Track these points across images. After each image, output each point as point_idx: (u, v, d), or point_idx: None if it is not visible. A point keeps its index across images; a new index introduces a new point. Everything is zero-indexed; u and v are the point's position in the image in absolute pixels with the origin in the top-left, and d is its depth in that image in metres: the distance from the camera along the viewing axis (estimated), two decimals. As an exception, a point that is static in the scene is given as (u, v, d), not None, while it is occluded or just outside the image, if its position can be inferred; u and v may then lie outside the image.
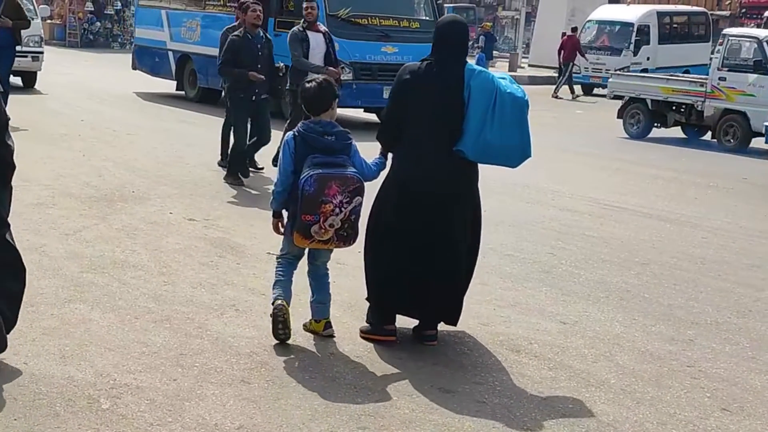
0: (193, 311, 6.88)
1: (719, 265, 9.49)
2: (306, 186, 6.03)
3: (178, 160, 13.63)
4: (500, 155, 6.49)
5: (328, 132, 6.26)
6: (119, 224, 9.37)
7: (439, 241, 6.42)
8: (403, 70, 6.59)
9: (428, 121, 6.37)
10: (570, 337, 6.93)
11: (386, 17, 19.36)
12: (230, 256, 8.47)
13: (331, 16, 18.21)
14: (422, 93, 6.40)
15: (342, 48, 16.64)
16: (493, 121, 6.30)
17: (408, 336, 6.65)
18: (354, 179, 6.13)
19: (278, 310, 6.24)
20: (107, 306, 6.86)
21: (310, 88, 6.37)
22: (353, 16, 18.77)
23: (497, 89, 6.33)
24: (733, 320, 7.64)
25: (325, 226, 6.09)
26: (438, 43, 6.58)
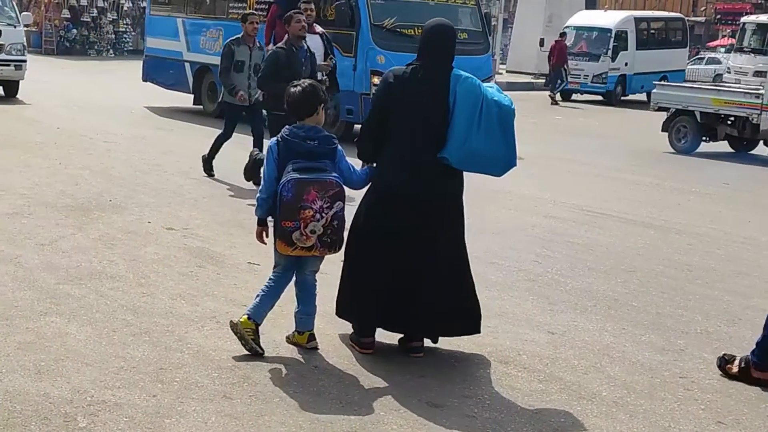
0: (172, 323, 6.70)
1: (706, 273, 9.38)
2: (284, 192, 5.90)
3: (155, 168, 13.42)
4: (485, 163, 6.34)
5: (311, 137, 6.10)
6: (96, 234, 9.17)
7: (421, 251, 6.26)
8: (388, 74, 6.45)
9: (413, 126, 6.23)
10: (559, 347, 6.79)
11: None
12: (210, 267, 8.29)
13: (375, 26, 17.20)
14: (407, 98, 6.25)
15: (387, 61, 16.11)
16: (479, 128, 6.15)
17: (394, 347, 6.48)
18: (333, 183, 5.97)
19: (232, 328, 6.18)
20: (84, 319, 6.67)
21: (295, 92, 6.22)
22: (398, 27, 17.48)
23: (484, 96, 6.19)
24: (724, 329, 7.52)
25: (306, 232, 5.94)
26: (424, 47, 6.43)
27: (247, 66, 12.75)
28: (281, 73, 10.66)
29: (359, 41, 17.18)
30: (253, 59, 12.76)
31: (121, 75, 35.06)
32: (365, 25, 17.16)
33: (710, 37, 69.35)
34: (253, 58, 12.79)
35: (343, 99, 16.82)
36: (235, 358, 6.10)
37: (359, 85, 17.10)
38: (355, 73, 17.15)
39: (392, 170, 6.28)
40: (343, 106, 17.33)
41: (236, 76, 12.72)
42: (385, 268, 6.28)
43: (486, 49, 19.06)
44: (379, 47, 17.08)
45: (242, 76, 12.72)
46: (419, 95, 6.25)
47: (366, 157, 6.43)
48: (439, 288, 6.32)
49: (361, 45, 17.11)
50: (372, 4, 17.34)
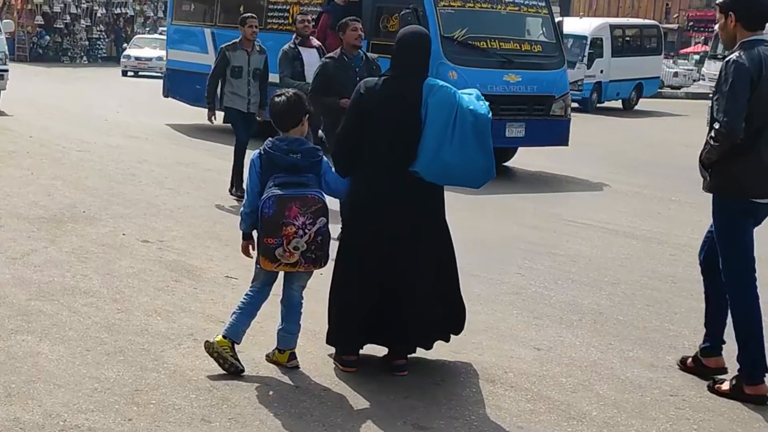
0: (148, 341, 6.49)
1: (691, 284, 9.21)
2: (265, 208, 5.73)
3: (130, 178, 13.20)
4: (460, 176, 6.18)
5: (294, 150, 5.91)
6: (69, 247, 8.95)
7: (401, 267, 6.10)
8: (360, 86, 6.26)
9: (386, 141, 6.06)
10: (546, 364, 6.62)
11: (506, 39, 16.21)
12: (187, 281, 8.09)
13: (446, 38, 15.41)
14: (379, 111, 6.07)
15: (460, 77, 14.70)
16: (452, 139, 5.96)
17: (377, 365, 6.30)
18: (315, 199, 5.79)
19: (206, 349, 6.01)
20: (57, 337, 6.46)
21: (279, 103, 6.03)
22: (470, 39, 15.74)
23: (458, 105, 6.00)
24: (712, 344, 7.36)
25: (289, 248, 5.76)
26: (397, 56, 6.24)
27: (246, 71, 12.26)
28: (331, 86, 10.11)
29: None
30: (252, 64, 12.30)
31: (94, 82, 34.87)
32: (435, 36, 14.91)
33: (683, 44, 69.69)
34: (252, 62, 12.32)
35: None
36: (213, 378, 5.90)
37: None
38: None
39: (367, 186, 6.11)
40: None
41: (235, 82, 12.26)
42: (365, 285, 6.11)
43: (560, 63, 17.05)
44: (451, 62, 15.33)
45: (241, 82, 12.26)
46: (391, 107, 6.07)
47: (342, 171, 6.22)
48: (422, 303, 6.15)
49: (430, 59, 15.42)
50: (442, 14, 15.67)
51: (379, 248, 6.08)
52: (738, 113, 5.77)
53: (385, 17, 16.19)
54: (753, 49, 5.84)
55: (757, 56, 5.81)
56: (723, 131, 5.81)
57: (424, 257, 6.18)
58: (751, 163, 5.92)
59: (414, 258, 6.12)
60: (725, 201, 6.09)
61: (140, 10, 59.17)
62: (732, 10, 5.96)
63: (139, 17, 59.16)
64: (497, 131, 13.95)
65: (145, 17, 60.01)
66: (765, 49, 5.88)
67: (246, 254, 6.22)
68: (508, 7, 16.49)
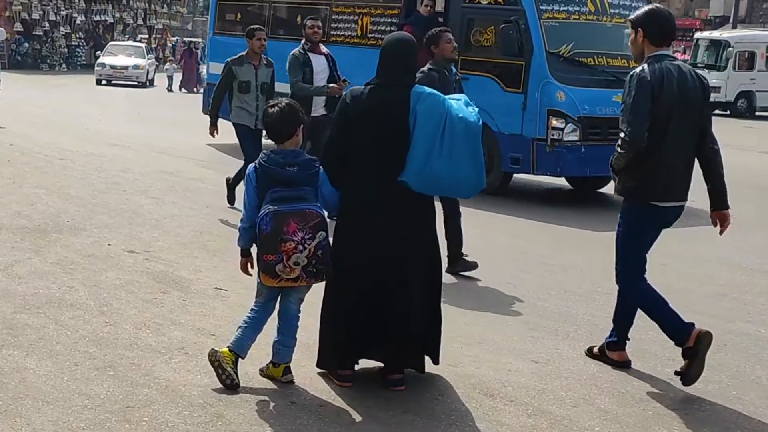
0: (138, 356, 6.33)
1: (685, 295, 9.12)
2: (262, 225, 5.59)
3: (113, 187, 13.03)
4: (449, 186, 6.07)
5: (290, 162, 5.77)
6: (54, 258, 8.77)
7: (391, 279, 5.96)
8: (346, 94, 6.13)
9: (373, 150, 5.91)
10: (545, 378, 6.49)
11: (613, 55, 14.65)
12: (175, 292, 7.92)
13: (551, 54, 13.99)
14: (366, 120, 5.92)
15: (568, 98, 13.66)
16: (441, 149, 5.81)
17: (373, 379, 6.15)
18: (313, 214, 5.65)
19: (209, 357, 5.85)
20: (44, 352, 6.28)
21: (273, 114, 5.89)
22: (577, 55, 14.29)
23: (447, 114, 5.85)
24: (710, 355, 7.18)
25: (290, 264, 5.62)
26: (383, 64, 6.09)
27: (254, 86, 11.80)
28: None
29: (531, 73, 13.92)
30: (260, 78, 11.86)
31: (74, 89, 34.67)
32: (539, 52, 13.93)
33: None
34: (259, 77, 11.86)
35: (506, 145, 14.15)
36: (207, 394, 5.74)
37: (530, 127, 13.87)
38: (525, 113, 13.86)
39: (353, 199, 5.95)
40: (506, 154, 14.22)
41: (243, 97, 11.80)
42: (357, 299, 5.97)
43: None
44: (558, 81, 13.89)
45: (249, 98, 11.78)
46: (377, 116, 5.92)
47: (331, 180, 6.05)
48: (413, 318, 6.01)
49: (533, 78, 13.91)
50: (546, 27, 14.14)
51: (370, 259, 5.93)
52: (640, 123, 6.20)
53: (477, 30, 14.75)
54: (657, 63, 6.27)
55: (660, 70, 6.23)
56: (627, 140, 6.26)
57: (415, 269, 6.04)
58: (653, 169, 6.33)
59: (405, 271, 5.99)
60: (632, 203, 6.50)
61: (119, 17, 58.98)
62: (641, 26, 6.42)
63: (119, 25, 58.96)
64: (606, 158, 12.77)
65: (125, 24, 59.84)
66: (668, 63, 6.31)
67: (245, 272, 6.07)
68: (613, 19, 14.96)
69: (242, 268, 6.07)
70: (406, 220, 5.99)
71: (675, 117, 6.28)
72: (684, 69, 6.39)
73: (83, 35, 54.35)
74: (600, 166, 12.74)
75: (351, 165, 5.95)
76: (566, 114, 13.57)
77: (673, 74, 6.26)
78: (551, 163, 13.92)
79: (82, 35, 53.91)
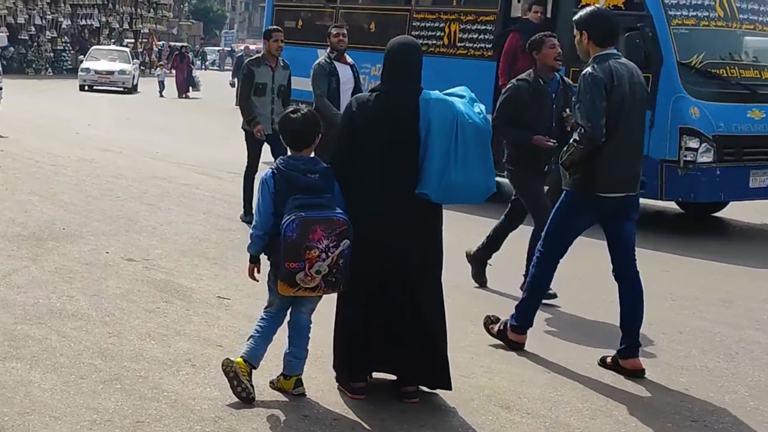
0: (144, 368, 6.17)
1: (690, 302, 9.05)
2: (288, 231, 5.37)
3: (107, 193, 12.85)
4: (464, 194, 5.92)
5: (312, 170, 5.62)
6: (52, 266, 8.60)
7: (400, 289, 5.83)
8: (351, 102, 5.96)
9: (381, 158, 5.77)
10: (559, 388, 6.37)
11: (745, 66, 13.23)
12: (177, 302, 7.77)
13: (683, 65, 12.52)
14: (373, 128, 5.77)
15: (703, 114, 12.29)
16: (456, 158, 5.69)
17: (387, 391, 6.01)
18: (340, 221, 5.49)
19: (224, 367, 5.67)
20: (48, 364, 6.12)
21: (297, 120, 5.73)
22: (709, 66, 12.82)
23: (457, 120, 5.72)
24: (723, 365, 7.15)
25: (311, 273, 5.45)
26: (387, 70, 5.95)
27: (270, 89, 11.44)
28: (522, 116, 8.41)
29: (660, 86, 12.39)
30: (277, 80, 11.51)
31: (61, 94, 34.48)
32: (670, 63, 12.47)
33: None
34: (276, 79, 11.51)
35: None
36: (217, 407, 5.59)
37: (659, 148, 12.27)
38: (652, 131, 12.02)
39: (363, 206, 5.76)
40: None
41: (257, 100, 11.41)
42: (370, 310, 5.83)
43: None
44: (691, 95, 12.44)
45: (264, 101, 11.42)
46: (385, 124, 5.77)
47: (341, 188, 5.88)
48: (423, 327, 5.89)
49: (663, 92, 12.39)
50: (676, 34, 12.69)
51: (379, 268, 5.79)
52: (599, 119, 6.48)
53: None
54: (605, 62, 6.57)
55: (608, 68, 6.53)
56: (587, 135, 6.50)
57: (424, 280, 5.91)
58: (601, 162, 6.60)
59: (414, 280, 5.86)
60: (577, 194, 6.76)
61: (106, 21, 58.76)
62: (585, 29, 6.73)
63: (105, 29, 58.74)
64: (741, 180, 12.52)
65: (111, 29, 59.62)
66: (614, 62, 6.60)
67: (252, 278, 5.91)
68: (743, 25, 13.53)
69: (249, 274, 5.90)
70: (415, 229, 5.86)
71: (626, 112, 6.60)
72: (629, 66, 6.70)
73: (69, 39, 54.11)
74: (735, 190, 12.70)
75: (358, 172, 5.81)
76: (701, 132, 12.18)
77: (621, 72, 6.57)
78: (684, 188, 12.47)
79: (68, 39, 53.68)
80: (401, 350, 5.87)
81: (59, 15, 52.90)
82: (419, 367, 5.93)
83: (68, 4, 54.51)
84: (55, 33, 51.61)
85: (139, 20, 63.43)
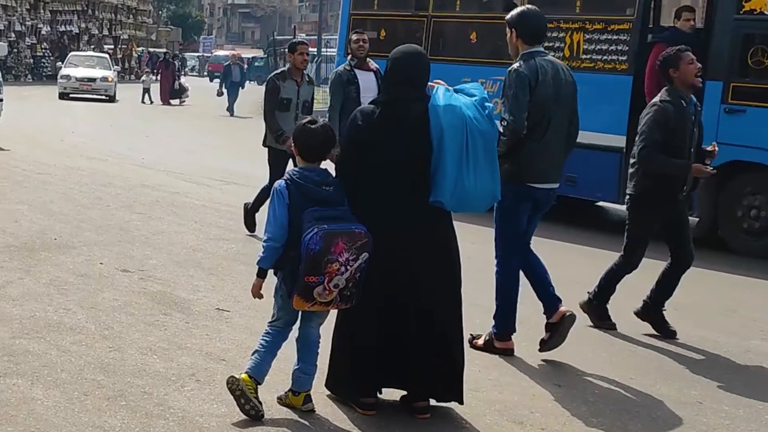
0: (148, 384, 6.02)
1: (693, 311, 8.95)
2: (311, 244, 5.20)
3: (97, 202, 12.67)
4: (474, 202, 5.79)
5: (326, 182, 5.49)
6: (47, 278, 8.42)
7: (412, 303, 5.69)
8: (356, 116, 5.79)
9: (391, 171, 5.64)
10: (571, 402, 6.25)
11: None
12: (177, 314, 7.62)
13: None
14: (382, 140, 5.63)
15: None
16: (468, 165, 5.59)
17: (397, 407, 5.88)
18: (362, 234, 5.35)
19: (229, 384, 5.52)
20: (49, 380, 5.96)
21: (316, 133, 5.58)
22: None
23: (467, 126, 5.59)
24: (733, 377, 7.07)
25: (330, 287, 5.31)
26: (393, 78, 5.81)
27: (294, 104, 10.97)
28: (668, 141, 7.65)
29: None
30: (302, 96, 11.05)
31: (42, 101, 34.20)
32: None
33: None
34: (301, 94, 11.06)
35: None
36: (226, 425, 5.44)
37: None
38: None
39: (375, 222, 5.55)
40: None
41: (281, 116, 10.89)
42: (377, 323, 5.69)
43: None
44: None
45: (288, 117, 10.84)
46: (396, 135, 5.63)
47: None
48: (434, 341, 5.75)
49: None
50: None
51: (390, 281, 5.66)
52: (521, 113, 6.79)
53: (759, 49, 11.72)
54: (531, 60, 6.88)
55: (534, 66, 6.85)
56: (510, 127, 6.81)
57: (436, 293, 5.78)
58: (527, 154, 6.89)
59: (425, 293, 5.72)
60: (510, 185, 6.76)
61: (85, 28, 58.47)
62: (514, 27, 7.02)
63: (84, 35, 58.44)
64: None
65: (90, 35, 59.33)
66: (541, 60, 6.91)
67: (257, 295, 5.68)
68: None
69: (255, 291, 5.66)
70: (426, 240, 5.74)
71: (551, 107, 6.91)
72: (556, 64, 7.01)
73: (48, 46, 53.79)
74: None
75: (367, 184, 5.67)
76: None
77: (546, 69, 6.86)
78: None
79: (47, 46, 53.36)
80: (413, 364, 5.73)
81: (39, 21, 52.59)
82: (432, 381, 5.80)
83: (48, 10, 54.21)
84: (34, 39, 51.30)
85: (119, 26, 63.14)
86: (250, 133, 25.54)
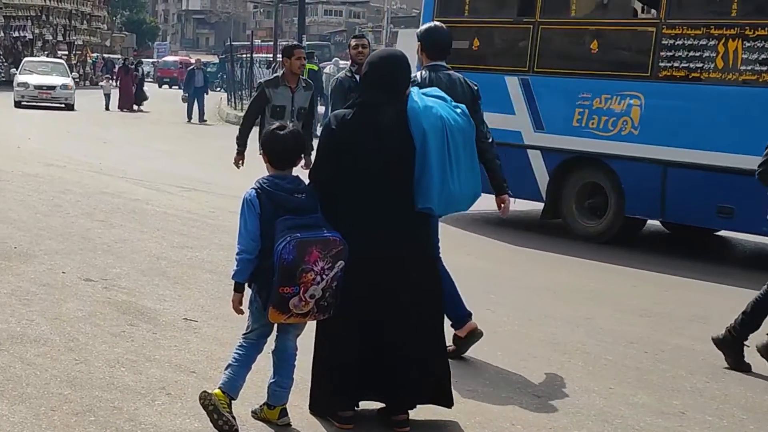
0: (118, 398, 5.80)
1: (665, 319, 8.87)
2: (284, 254, 5.02)
3: (56, 209, 12.40)
4: (458, 203, 5.73)
5: (297, 189, 5.31)
6: (8, 288, 8.17)
7: (389, 314, 5.52)
8: (330, 120, 5.60)
9: (371, 177, 5.47)
10: (552, 413, 6.12)
11: None
12: (143, 324, 7.40)
13: None
14: (360, 145, 5.45)
15: None
16: (451, 168, 5.48)
17: (375, 420, 5.72)
18: (336, 242, 5.17)
19: (201, 400, 5.33)
20: (15, 395, 5.73)
21: (286, 138, 5.39)
22: None
23: (445, 126, 5.49)
24: (713, 385, 6.96)
25: (306, 297, 5.12)
26: (369, 81, 5.65)
27: (289, 112, 10.34)
28: None
29: None
30: (297, 102, 10.41)
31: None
32: None
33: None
34: (296, 101, 10.41)
35: None
36: (200, 440, 5.26)
37: None
38: None
39: (350, 227, 5.39)
40: None
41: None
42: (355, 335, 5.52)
43: None
44: None
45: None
46: (375, 140, 5.46)
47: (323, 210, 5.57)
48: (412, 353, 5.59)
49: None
50: None
51: (367, 292, 5.49)
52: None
53: None
54: (434, 72, 7.12)
55: (430, 77, 7.05)
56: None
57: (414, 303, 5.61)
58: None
59: (403, 304, 5.56)
60: None
61: (39, 33, 57.80)
62: (420, 41, 7.34)
63: (38, 41, 57.78)
64: None
65: (44, 41, 58.66)
66: (441, 73, 7.12)
67: (237, 310, 5.46)
68: None
69: (235, 306, 5.44)
70: (405, 249, 5.58)
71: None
72: (453, 77, 7.18)
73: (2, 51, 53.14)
74: None
75: (343, 191, 5.50)
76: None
77: (441, 80, 6.96)
78: None
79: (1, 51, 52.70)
80: (393, 376, 5.57)
81: (-8, 26, 51.96)
82: (414, 391, 5.64)
83: (1, 16, 53.53)
84: (-12, 45, 50.70)
85: (73, 32, 62.43)
86: (209, 139, 25.33)
